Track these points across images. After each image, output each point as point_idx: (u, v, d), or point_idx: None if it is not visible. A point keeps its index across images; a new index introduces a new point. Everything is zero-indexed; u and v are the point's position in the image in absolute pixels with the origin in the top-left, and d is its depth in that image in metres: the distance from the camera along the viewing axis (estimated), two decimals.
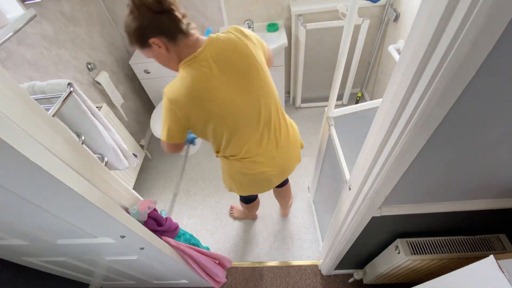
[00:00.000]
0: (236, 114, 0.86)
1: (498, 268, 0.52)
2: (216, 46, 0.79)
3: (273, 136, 0.99)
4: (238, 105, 0.85)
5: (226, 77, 0.80)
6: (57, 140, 0.53)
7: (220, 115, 0.84)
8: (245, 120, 0.89)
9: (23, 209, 0.66)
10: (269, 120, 0.94)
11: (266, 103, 0.90)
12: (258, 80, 0.85)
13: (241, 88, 0.83)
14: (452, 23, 0.32)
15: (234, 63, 0.80)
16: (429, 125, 0.45)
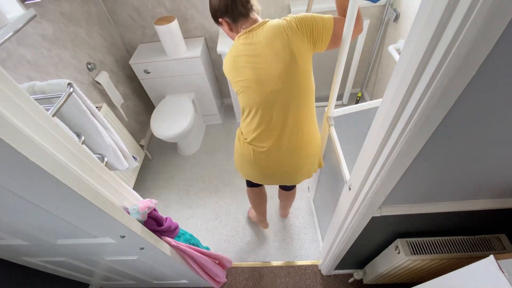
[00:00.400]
0: (259, 94, 0.92)
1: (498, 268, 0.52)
2: (265, 29, 0.88)
3: (283, 136, 0.98)
4: (263, 86, 0.91)
5: (262, 56, 0.88)
6: (57, 140, 0.53)
7: (245, 88, 0.93)
8: (261, 106, 0.94)
9: (23, 209, 0.66)
10: (284, 118, 0.95)
11: (284, 99, 0.92)
12: (288, 76, 0.88)
13: (266, 73, 0.89)
14: (452, 23, 0.32)
15: (274, 51, 0.87)
16: (429, 125, 0.45)
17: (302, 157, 1.05)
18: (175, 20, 1.76)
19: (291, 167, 1.07)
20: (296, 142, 1.00)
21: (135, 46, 2.13)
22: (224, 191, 1.96)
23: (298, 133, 0.99)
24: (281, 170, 1.08)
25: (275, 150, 1.01)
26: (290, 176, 1.12)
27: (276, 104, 0.93)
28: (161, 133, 1.85)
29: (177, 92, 2.17)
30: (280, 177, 1.13)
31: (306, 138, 1.01)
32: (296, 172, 1.10)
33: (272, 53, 0.87)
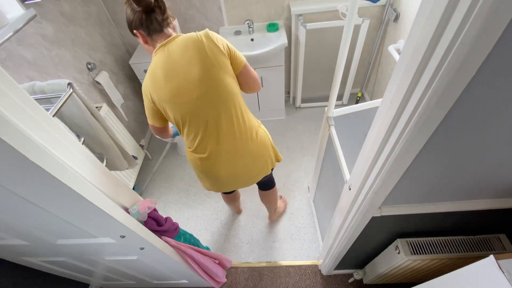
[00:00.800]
0: (185, 103, 0.91)
1: (498, 268, 0.52)
2: (178, 41, 0.89)
3: (222, 139, 0.98)
4: (187, 94, 0.90)
5: (178, 66, 0.88)
6: (57, 140, 0.53)
7: (171, 101, 0.91)
8: (193, 114, 0.94)
9: (23, 209, 0.66)
10: (216, 121, 0.95)
11: (212, 102, 0.92)
12: (209, 78, 0.89)
13: (187, 81, 0.89)
14: (452, 23, 0.32)
15: (189, 58, 0.87)
16: (429, 125, 0.45)
17: (248, 156, 1.05)
18: (175, 20, 1.76)
19: (239, 168, 1.07)
20: (236, 142, 1.00)
21: (135, 46, 2.13)
22: None
23: (235, 134, 0.99)
24: (232, 174, 1.08)
25: (218, 154, 1.01)
26: (244, 177, 1.12)
27: (205, 109, 0.92)
28: None
29: None
30: (235, 181, 1.13)
31: (245, 136, 1.01)
32: (248, 171, 1.10)
33: (187, 60, 0.87)
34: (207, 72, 0.88)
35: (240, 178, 1.11)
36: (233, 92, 0.94)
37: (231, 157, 1.03)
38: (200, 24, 1.99)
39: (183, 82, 0.88)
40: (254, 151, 1.06)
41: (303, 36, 1.89)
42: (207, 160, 1.03)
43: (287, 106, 2.50)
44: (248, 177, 1.13)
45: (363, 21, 1.80)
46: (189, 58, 0.87)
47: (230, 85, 0.93)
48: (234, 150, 1.02)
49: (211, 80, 0.89)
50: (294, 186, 1.93)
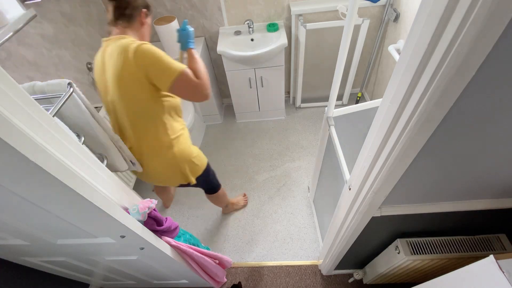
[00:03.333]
0: (104, 101, 1.02)
1: (498, 268, 0.52)
2: (117, 44, 0.92)
3: (132, 143, 1.08)
4: (103, 92, 1.00)
5: (104, 66, 0.96)
6: (57, 140, 0.53)
7: (100, 93, 1.03)
8: (110, 111, 1.04)
9: (23, 209, 0.66)
10: (125, 127, 1.04)
11: (120, 110, 1.00)
12: (119, 90, 0.94)
13: (105, 83, 0.97)
14: (452, 23, 0.32)
15: (110, 61, 0.93)
16: (429, 125, 0.45)
17: (151, 166, 1.14)
18: (175, 20, 1.76)
19: (149, 170, 1.16)
20: (141, 150, 1.09)
21: None
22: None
23: (140, 143, 1.07)
24: (144, 172, 1.17)
25: (133, 151, 1.10)
26: (154, 179, 1.23)
27: (117, 112, 1.01)
28: None
29: None
30: (148, 178, 1.23)
31: (147, 150, 1.09)
32: (155, 176, 1.19)
33: (109, 66, 0.93)
34: (117, 86, 0.93)
35: (151, 178, 1.22)
36: (139, 113, 0.99)
37: (141, 159, 1.12)
38: (200, 24, 1.99)
39: (104, 84, 0.98)
40: (154, 165, 1.14)
41: (303, 36, 1.89)
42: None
43: (287, 106, 2.50)
44: (157, 181, 1.25)
45: (363, 21, 1.80)
46: (110, 64, 0.93)
47: (138, 105, 0.97)
48: (142, 156, 1.11)
49: (121, 94, 0.95)
50: (294, 186, 1.93)
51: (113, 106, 1.00)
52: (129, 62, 0.88)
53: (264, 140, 2.27)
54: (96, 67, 1.00)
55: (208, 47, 2.15)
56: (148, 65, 0.89)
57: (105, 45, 0.96)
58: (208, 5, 1.89)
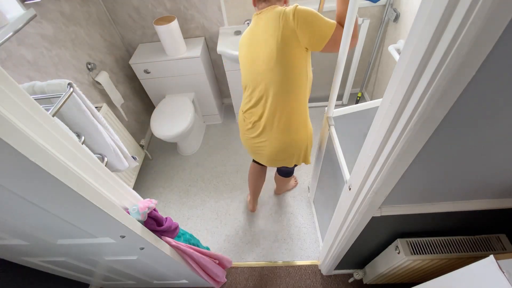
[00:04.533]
0: (252, 73, 1.03)
1: (498, 268, 0.52)
2: (269, 14, 0.94)
3: (264, 117, 1.07)
4: (252, 65, 1.02)
5: (257, 39, 0.98)
6: (57, 140, 0.53)
7: (245, 66, 1.06)
8: (254, 85, 1.05)
9: (23, 209, 0.66)
10: (265, 101, 1.03)
11: (267, 83, 0.99)
12: (274, 59, 0.94)
13: (257, 55, 0.99)
14: (452, 23, 0.32)
15: (267, 34, 0.93)
16: (429, 125, 0.45)
17: (278, 142, 1.12)
18: (175, 20, 1.76)
19: (266, 148, 1.16)
20: (273, 125, 1.07)
21: (135, 46, 2.13)
22: (224, 191, 1.96)
23: (276, 118, 1.05)
24: (259, 148, 1.18)
25: (257, 128, 1.12)
26: (266, 158, 1.21)
27: (262, 85, 1.01)
28: (161, 133, 1.85)
29: (177, 92, 2.17)
30: (258, 154, 1.23)
31: (283, 126, 1.07)
32: (271, 156, 1.18)
33: (264, 38, 0.94)
34: (272, 56, 0.93)
35: (263, 156, 1.21)
36: (291, 82, 0.97)
37: (265, 135, 1.12)
38: (200, 24, 1.99)
39: (254, 57, 0.99)
40: (286, 141, 1.12)
41: None
42: (249, 129, 1.17)
43: None
44: (269, 160, 1.22)
45: (363, 21, 1.80)
46: (265, 36, 0.94)
47: (291, 74, 0.96)
48: (269, 131, 1.10)
49: (273, 65, 0.94)
50: None
51: (261, 77, 0.99)
52: (290, 24, 0.88)
53: None
54: (242, 41, 1.04)
55: (208, 47, 2.15)
56: (310, 25, 0.88)
57: (256, 20, 0.98)
58: (208, 5, 1.89)
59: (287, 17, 0.88)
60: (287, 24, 0.89)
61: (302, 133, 1.12)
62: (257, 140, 1.16)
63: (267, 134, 1.11)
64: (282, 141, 1.11)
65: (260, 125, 1.10)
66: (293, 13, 0.88)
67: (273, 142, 1.12)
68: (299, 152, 1.18)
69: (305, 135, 1.13)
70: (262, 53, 0.96)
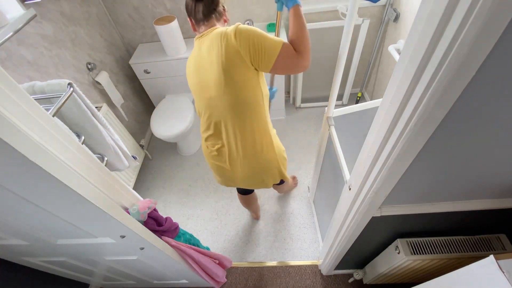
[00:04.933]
0: (204, 99, 0.97)
1: (498, 268, 0.52)
2: (211, 35, 0.89)
3: (229, 142, 1.01)
4: (205, 92, 0.95)
5: (203, 63, 0.92)
6: (57, 140, 0.53)
7: (195, 93, 1.00)
8: (208, 110, 0.99)
9: (23, 209, 0.66)
10: (225, 125, 0.98)
11: (221, 107, 0.94)
12: (222, 83, 0.88)
13: (205, 79, 0.93)
14: (452, 23, 0.32)
15: (212, 56, 0.88)
16: (429, 125, 0.45)
17: (247, 168, 1.07)
18: (175, 20, 1.76)
19: (238, 173, 1.10)
20: (238, 152, 1.02)
21: (135, 46, 2.13)
22: (224, 191, 1.96)
23: (239, 144, 1.00)
24: (231, 174, 1.12)
25: (223, 154, 1.06)
26: (242, 183, 1.16)
27: (216, 110, 0.95)
28: (161, 133, 1.85)
29: (177, 92, 2.17)
30: (234, 182, 1.17)
31: (248, 150, 1.01)
32: (245, 180, 1.13)
33: (209, 61, 0.89)
34: (220, 79, 0.87)
35: (238, 183, 1.17)
36: (245, 103, 0.92)
37: (233, 161, 1.06)
38: None
39: (203, 81, 0.93)
40: (255, 165, 1.07)
41: None
42: (215, 156, 1.09)
43: (287, 106, 2.50)
44: (245, 185, 1.18)
45: (363, 21, 1.80)
46: (210, 59, 0.89)
47: (243, 95, 0.90)
48: (237, 156, 1.04)
49: (223, 88, 0.88)
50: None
51: (214, 102, 0.94)
52: (232, 44, 0.83)
53: None
54: (189, 69, 0.99)
55: None
56: (252, 44, 0.83)
57: (199, 43, 0.93)
58: None
59: (229, 37, 0.83)
60: (229, 45, 0.83)
61: (270, 153, 1.06)
62: (226, 167, 1.09)
63: (234, 161, 1.05)
64: (251, 166, 1.06)
65: (226, 151, 1.04)
66: (234, 33, 0.83)
67: (243, 168, 1.06)
68: (273, 173, 1.12)
69: (273, 154, 1.07)
70: (210, 78, 0.90)
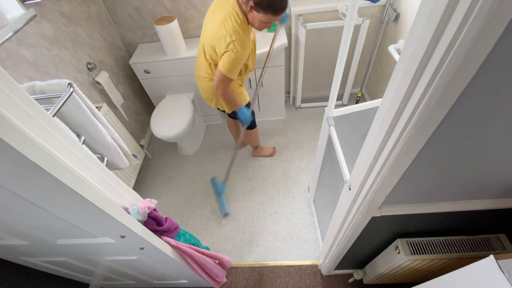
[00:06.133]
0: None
1: (498, 268, 0.52)
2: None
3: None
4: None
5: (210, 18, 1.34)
6: (57, 140, 0.53)
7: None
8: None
9: (23, 209, 0.66)
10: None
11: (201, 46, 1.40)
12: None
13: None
14: (452, 23, 0.32)
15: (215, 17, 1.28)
16: (429, 125, 0.45)
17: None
18: (175, 20, 1.76)
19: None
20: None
21: (135, 46, 2.13)
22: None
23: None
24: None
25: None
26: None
27: (201, 44, 1.41)
28: (161, 133, 1.85)
29: (177, 92, 2.17)
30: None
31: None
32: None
33: (212, 18, 1.32)
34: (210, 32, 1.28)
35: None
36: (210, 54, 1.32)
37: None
38: (200, 24, 1.99)
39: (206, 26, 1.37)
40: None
41: (303, 36, 1.89)
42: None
43: (287, 106, 2.50)
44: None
45: (363, 21, 1.80)
46: (215, 17, 1.27)
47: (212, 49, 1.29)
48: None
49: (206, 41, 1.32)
50: (294, 186, 1.93)
51: (201, 45, 1.38)
52: (220, 40, 1.21)
53: (264, 140, 2.27)
54: (209, 12, 1.36)
55: None
56: (228, 55, 1.21)
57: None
58: (208, 5, 1.89)
59: (224, 39, 1.19)
60: (220, 39, 1.21)
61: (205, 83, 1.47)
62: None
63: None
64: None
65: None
66: (227, 44, 1.19)
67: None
68: (209, 96, 1.52)
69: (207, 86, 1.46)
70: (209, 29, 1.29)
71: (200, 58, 1.40)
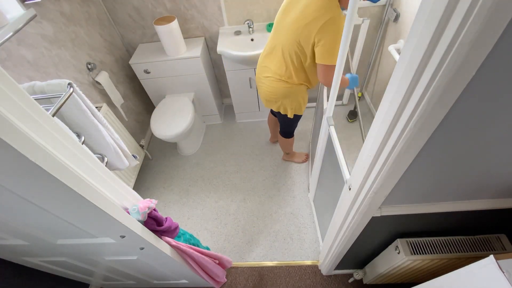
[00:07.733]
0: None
1: (498, 268, 0.52)
2: None
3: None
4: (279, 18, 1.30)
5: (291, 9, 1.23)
6: (57, 140, 0.53)
7: None
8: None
9: (23, 209, 0.66)
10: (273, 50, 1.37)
11: (282, 43, 1.29)
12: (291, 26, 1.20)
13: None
14: (452, 23, 0.32)
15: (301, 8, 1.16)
16: (429, 125, 0.45)
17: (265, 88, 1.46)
18: (175, 20, 1.76)
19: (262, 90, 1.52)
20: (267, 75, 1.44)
21: (135, 46, 2.13)
22: (224, 191, 1.96)
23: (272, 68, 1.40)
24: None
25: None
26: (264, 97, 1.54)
27: (278, 36, 1.33)
28: (161, 133, 1.85)
29: (177, 92, 2.17)
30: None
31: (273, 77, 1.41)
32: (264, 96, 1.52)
33: (297, 8, 1.21)
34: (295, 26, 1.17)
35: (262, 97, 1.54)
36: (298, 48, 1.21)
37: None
38: (200, 24, 1.99)
39: (284, 20, 1.25)
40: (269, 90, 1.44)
41: None
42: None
43: None
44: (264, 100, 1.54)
45: (363, 21, 1.80)
46: (298, 8, 1.16)
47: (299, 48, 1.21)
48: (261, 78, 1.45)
49: (291, 33, 1.20)
50: (294, 186, 1.93)
51: (279, 33, 1.28)
52: (313, 25, 1.09)
53: (264, 140, 2.27)
54: (282, 11, 1.25)
55: (208, 47, 2.15)
56: (322, 43, 1.11)
57: None
58: (208, 5, 1.89)
59: (318, 20, 1.07)
60: (313, 22, 1.09)
61: (288, 88, 1.40)
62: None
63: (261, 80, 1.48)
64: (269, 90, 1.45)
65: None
66: (323, 24, 1.07)
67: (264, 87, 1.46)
68: (281, 102, 1.46)
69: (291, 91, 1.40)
70: (289, 20, 1.18)
71: (273, 61, 1.35)
